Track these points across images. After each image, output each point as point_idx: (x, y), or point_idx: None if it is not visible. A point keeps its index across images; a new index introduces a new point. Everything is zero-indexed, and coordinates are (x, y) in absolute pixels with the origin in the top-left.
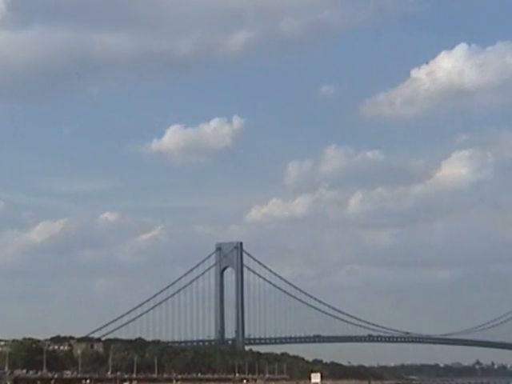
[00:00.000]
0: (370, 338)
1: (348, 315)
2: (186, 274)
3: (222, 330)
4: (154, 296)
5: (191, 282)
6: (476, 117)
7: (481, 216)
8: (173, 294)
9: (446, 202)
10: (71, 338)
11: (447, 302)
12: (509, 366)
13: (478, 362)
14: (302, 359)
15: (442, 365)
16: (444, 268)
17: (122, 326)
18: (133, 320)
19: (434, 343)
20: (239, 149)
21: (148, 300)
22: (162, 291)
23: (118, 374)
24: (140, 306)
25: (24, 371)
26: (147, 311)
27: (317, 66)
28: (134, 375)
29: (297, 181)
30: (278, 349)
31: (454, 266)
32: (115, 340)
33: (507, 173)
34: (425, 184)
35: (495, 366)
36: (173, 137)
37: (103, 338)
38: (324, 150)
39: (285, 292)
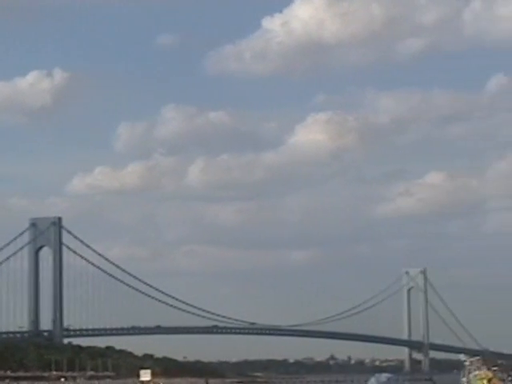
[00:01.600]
0: (214, 330)
1: (185, 303)
2: None
3: (36, 320)
4: None
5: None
6: (336, 75)
7: (341, 190)
8: None
9: (300, 173)
10: None
11: (299, 289)
12: (367, 360)
13: (332, 357)
14: (130, 354)
15: (291, 360)
16: (297, 249)
17: None
18: None
19: (283, 335)
20: (61, 107)
21: None
22: None
23: None
24: None
25: None
26: None
27: (153, 10)
28: None
29: (128, 145)
30: (102, 342)
31: (308, 247)
32: None
33: (372, 140)
34: (276, 151)
35: (352, 362)
36: None
37: None
38: (160, 110)
39: (111, 276)
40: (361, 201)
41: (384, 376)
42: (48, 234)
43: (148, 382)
